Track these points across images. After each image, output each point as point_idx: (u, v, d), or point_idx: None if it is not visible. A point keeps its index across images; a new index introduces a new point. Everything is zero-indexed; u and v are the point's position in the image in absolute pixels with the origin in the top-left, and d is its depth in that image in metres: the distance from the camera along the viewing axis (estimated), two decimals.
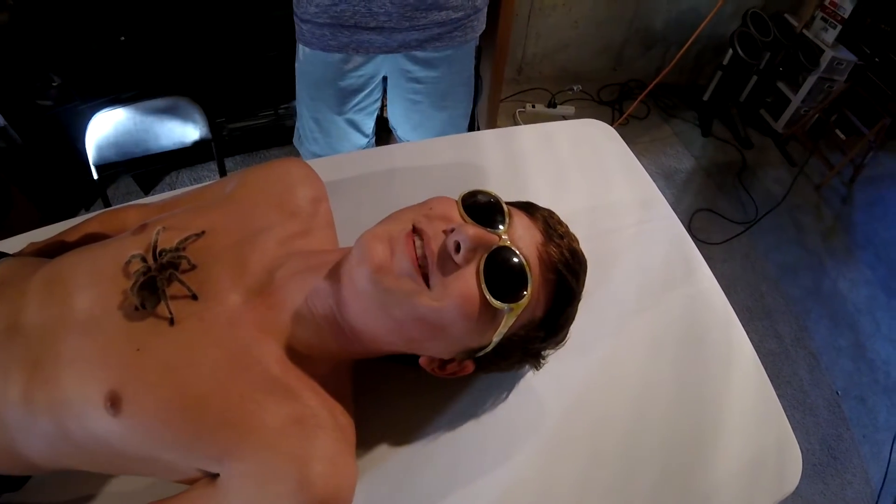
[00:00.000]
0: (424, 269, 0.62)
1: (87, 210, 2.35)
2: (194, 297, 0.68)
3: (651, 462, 0.81)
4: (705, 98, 3.06)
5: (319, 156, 1.54)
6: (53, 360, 0.67)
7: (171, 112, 1.53)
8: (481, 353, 0.68)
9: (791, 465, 0.82)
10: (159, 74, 2.13)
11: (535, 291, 0.64)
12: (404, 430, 0.80)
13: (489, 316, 0.63)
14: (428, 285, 0.62)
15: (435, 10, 1.23)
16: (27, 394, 0.66)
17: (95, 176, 1.57)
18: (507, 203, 0.69)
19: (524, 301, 0.63)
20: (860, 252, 2.70)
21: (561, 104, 2.84)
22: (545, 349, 0.74)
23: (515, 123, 2.72)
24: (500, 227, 0.65)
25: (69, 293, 0.71)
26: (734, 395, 0.88)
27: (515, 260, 0.63)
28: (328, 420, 0.65)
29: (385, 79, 1.43)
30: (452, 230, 0.62)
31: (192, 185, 2.48)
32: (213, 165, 2.45)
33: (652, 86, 2.44)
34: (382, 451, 0.78)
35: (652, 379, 0.88)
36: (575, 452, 0.81)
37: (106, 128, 1.54)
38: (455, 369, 0.71)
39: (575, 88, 2.95)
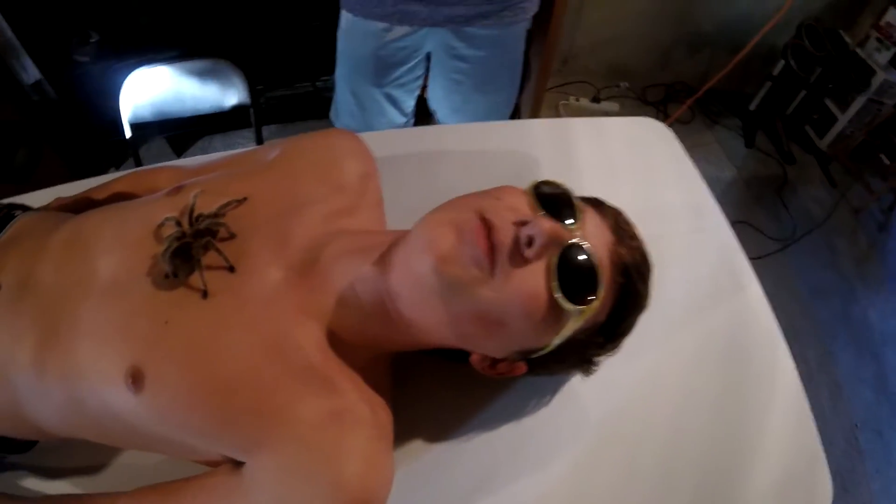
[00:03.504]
0: (492, 262, 0.57)
1: (118, 169, 2.32)
2: (231, 270, 0.64)
3: (685, 478, 0.78)
4: (752, 108, 2.97)
5: (354, 130, 1.49)
6: (69, 327, 0.63)
7: (210, 75, 1.49)
8: (536, 355, 0.64)
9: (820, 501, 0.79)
10: (200, 36, 2.09)
11: (604, 295, 0.60)
12: (440, 425, 0.77)
13: (554, 317, 0.59)
14: (492, 279, 0.57)
15: None
16: (38, 359, 0.63)
17: (128, 134, 1.54)
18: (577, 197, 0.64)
19: (595, 305, 0.58)
20: (893, 282, 2.61)
21: (605, 100, 2.78)
22: (601, 356, 0.70)
23: (558, 115, 2.67)
24: (572, 222, 0.60)
25: (92, 255, 0.67)
26: (773, 420, 0.84)
27: (588, 260, 0.58)
28: (367, 415, 0.60)
29: (429, 55, 1.38)
30: (525, 222, 0.57)
31: (224, 150, 2.46)
32: (247, 133, 2.41)
33: (701, 92, 2.37)
34: (416, 446, 0.75)
35: (693, 393, 0.85)
36: (612, 462, 0.78)
37: (143, 86, 1.51)
38: (506, 369, 0.67)
39: (621, 85, 2.88)
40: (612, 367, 0.77)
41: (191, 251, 0.62)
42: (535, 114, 2.21)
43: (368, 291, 0.64)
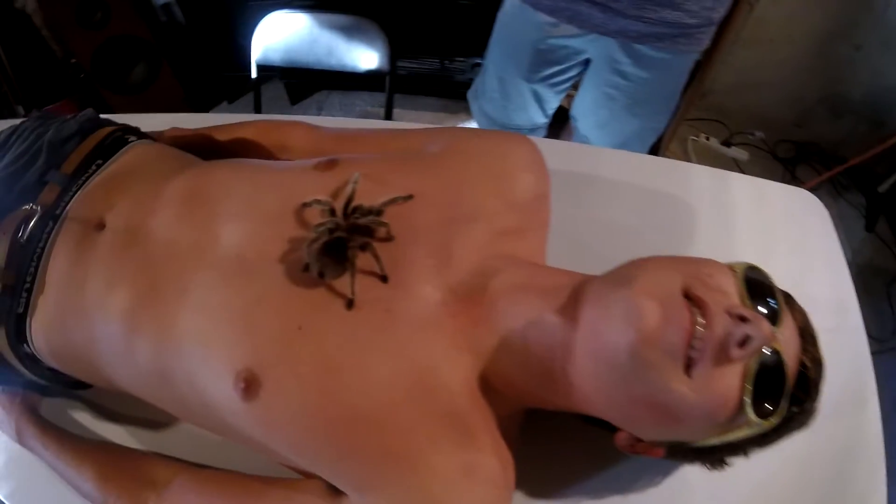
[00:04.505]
0: (693, 352, 0.48)
1: (230, 103, 2.33)
2: (384, 280, 0.55)
3: None
4: (881, 189, 2.75)
5: (491, 118, 1.44)
6: (177, 294, 0.56)
7: (352, 32, 1.41)
8: (684, 447, 0.56)
9: None
10: None
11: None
12: (546, 481, 0.70)
13: (730, 422, 0.51)
14: (687, 370, 0.48)
15: (669, 9, 1.09)
16: (132, 314, 0.57)
17: (255, 74, 1.49)
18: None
19: (776, 421, 0.51)
20: None
21: (736, 145, 2.63)
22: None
23: (685, 151, 2.54)
24: (774, 322, 0.51)
25: (215, 217, 0.59)
26: None
27: (782, 371, 0.50)
28: (498, 473, 0.53)
29: (587, 61, 1.29)
30: (744, 318, 0.47)
31: (341, 109, 2.45)
32: (366, 95, 2.39)
33: (839, 170, 2.22)
34: (517, 499, 0.66)
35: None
36: None
37: (280, 29, 1.45)
38: (643, 450, 0.58)
39: (756, 134, 2.71)
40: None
41: (346, 250, 0.53)
42: (666, 144, 2.09)
43: (541, 342, 0.55)
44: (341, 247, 0.52)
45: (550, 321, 0.54)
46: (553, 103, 1.39)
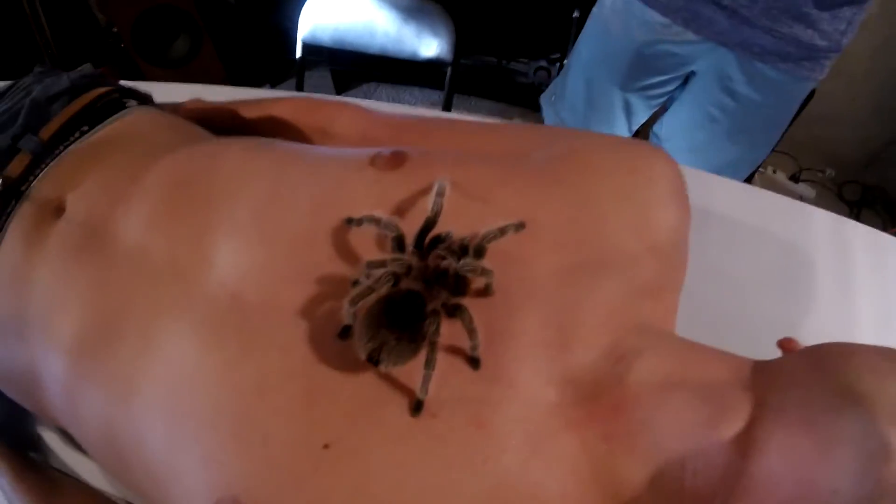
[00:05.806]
0: None
1: (273, 86, 2.20)
2: (474, 365, 0.35)
3: None
4: None
5: (568, 126, 1.27)
6: (138, 347, 0.40)
7: (414, 16, 1.26)
8: None
9: None
10: None
11: None
12: None
13: None
14: None
15: (802, 25, 0.95)
16: (78, 354, 0.42)
17: (299, 53, 1.35)
18: None
19: None
20: None
21: (804, 181, 2.49)
22: None
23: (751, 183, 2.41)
24: None
25: (209, 225, 0.42)
26: None
27: None
28: None
29: (690, 76, 1.13)
30: None
31: (389, 102, 2.21)
32: (416, 91, 2.21)
33: None
34: None
35: None
36: None
37: (331, 7, 1.30)
38: None
39: (826, 172, 2.56)
40: None
41: (421, 316, 0.31)
42: None
43: (704, 476, 0.34)
44: (414, 308, 0.31)
45: (719, 445, 0.34)
46: (642, 118, 1.23)
